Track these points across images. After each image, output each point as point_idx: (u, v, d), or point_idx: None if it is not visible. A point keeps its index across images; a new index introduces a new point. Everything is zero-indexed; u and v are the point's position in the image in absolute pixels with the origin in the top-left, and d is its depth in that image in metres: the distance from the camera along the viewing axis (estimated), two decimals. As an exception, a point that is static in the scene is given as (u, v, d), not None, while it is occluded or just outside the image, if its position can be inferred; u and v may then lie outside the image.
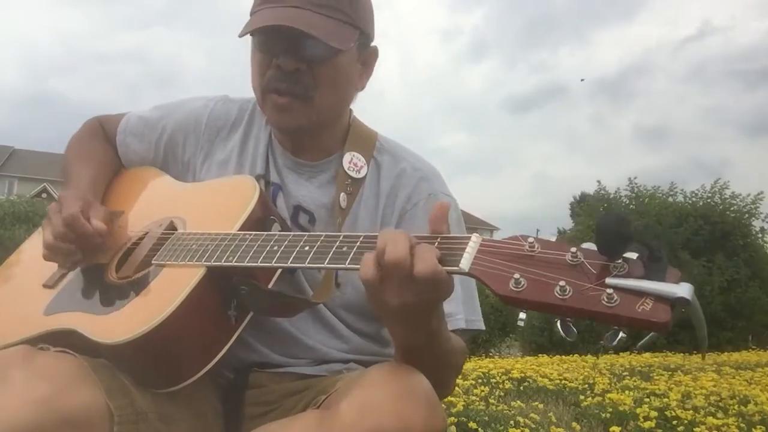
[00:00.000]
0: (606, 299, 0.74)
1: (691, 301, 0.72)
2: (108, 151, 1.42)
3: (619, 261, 0.76)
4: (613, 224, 0.76)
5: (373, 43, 1.26)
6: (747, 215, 16.30)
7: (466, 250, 0.84)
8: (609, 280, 0.75)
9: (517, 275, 0.79)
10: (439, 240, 0.87)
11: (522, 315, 0.80)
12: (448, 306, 1.11)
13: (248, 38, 1.20)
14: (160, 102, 1.46)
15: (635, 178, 17.47)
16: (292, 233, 1.04)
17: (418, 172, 1.27)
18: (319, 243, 0.97)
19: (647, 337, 0.76)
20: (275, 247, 1.00)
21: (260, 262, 1.00)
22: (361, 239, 0.93)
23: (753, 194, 16.39)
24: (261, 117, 1.33)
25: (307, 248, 0.97)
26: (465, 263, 0.83)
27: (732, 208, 16.26)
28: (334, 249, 0.94)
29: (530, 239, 0.82)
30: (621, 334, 0.74)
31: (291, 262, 0.97)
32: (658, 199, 16.81)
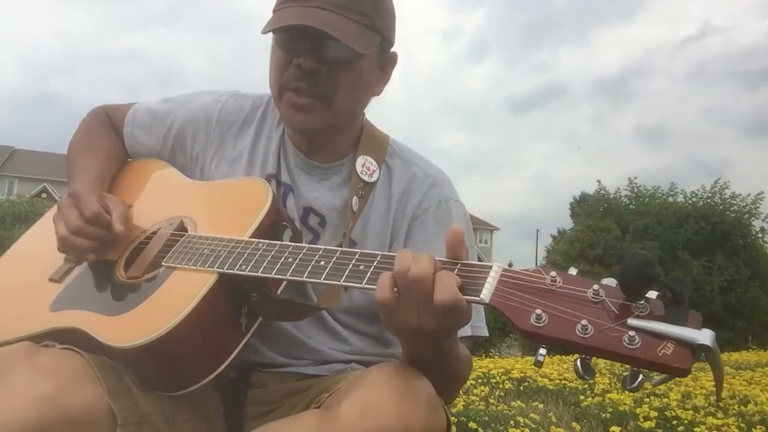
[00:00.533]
0: (627, 341, 0.73)
1: (712, 349, 0.72)
2: (115, 141, 1.41)
3: (642, 301, 0.76)
4: (639, 266, 0.75)
5: (392, 49, 1.25)
6: (747, 215, 16.34)
7: (488, 280, 0.83)
8: (631, 321, 0.75)
9: (538, 310, 0.78)
10: (459, 267, 0.86)
11: (542, 351, 0.79)
12: None
13: (250, 38, 1.24)
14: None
15: (635, 178, 17.52)
16: (306, 246, 1.03)
17: (430, 178, 1.28)
18: (335, 259, 0.96)
19: (663, 376, 0.75)
20: (290, 259, 0.99)
21: (274, 274, 0.99)
22: (378, 258, 0.92)
23: (753, 194, 16.43)
24: (273, 115, 1.32)
25: (322, 263, 0.96)
26: (486, 294, 0.82)
27: (732, 208, 16.29)
28: (350, 267, 0.93)
29: (552, 273, 0.82)
30: (641, 377, 0.74)
31: (306, 277, 0.96)
32: (658, 199, 16.85)
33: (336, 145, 1.26)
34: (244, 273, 1.01)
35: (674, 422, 3.36)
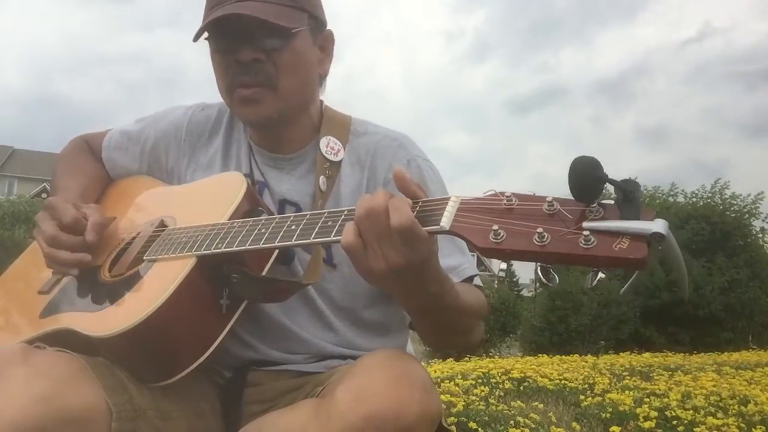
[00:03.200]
0: (583, 242, 0.75)
1: (666, 236, 0.73)
2: (96, 166, 1.44)
3: (595, 206, 0.77)
4: (586, 168, 0.77)
5: (328, 28, 1.28)
6: (747, 215, 16.31)
7: (446, 209, 0.86)
8: (585, 224, 0.76)
9: (495, 227, 0.80)
10: (420, 203, 0.88)
11: (503, 266, 0.81)
12: (453, 259, 1.15)
13: None
14: (162, 104, 1.51)
15: (636, 178, 17.44)
16: (278, 216, 1.06)
17: (395, 141, 1.29)
18: (305, 221, 0.98)
19: (630, 280, 0.77)
20: (263, 230, 1.02)
21: (248, 245, 1.01)
22: (345, 213, 0.95)
23: (753, 194, 16.41)
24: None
25: (293, 227, 0.99)
26: (446, 222, 0.84)
27: (732, 209, 16.27)
28: (319, 224, 0.96)
29: (508, 194, 0.84)
30: (600, 275, 0.76)
31: (278, 242, 0.98)
32: (658, 200, 16.82)
33: (296, 134, 1.28)
34: (220, 251, 1.03)
35: (674, 422, 3.36)
